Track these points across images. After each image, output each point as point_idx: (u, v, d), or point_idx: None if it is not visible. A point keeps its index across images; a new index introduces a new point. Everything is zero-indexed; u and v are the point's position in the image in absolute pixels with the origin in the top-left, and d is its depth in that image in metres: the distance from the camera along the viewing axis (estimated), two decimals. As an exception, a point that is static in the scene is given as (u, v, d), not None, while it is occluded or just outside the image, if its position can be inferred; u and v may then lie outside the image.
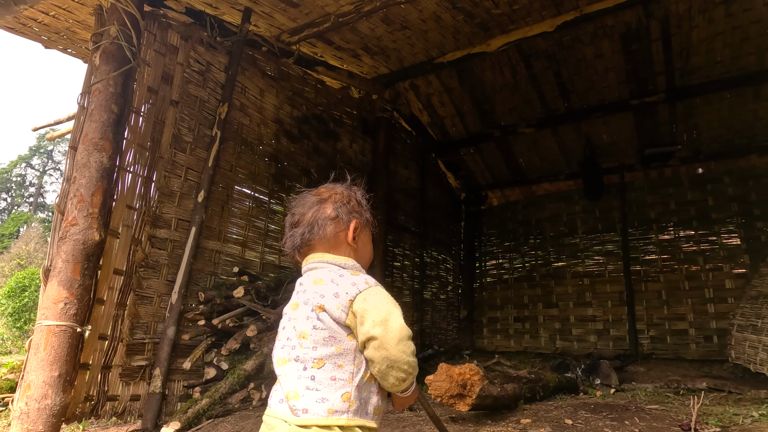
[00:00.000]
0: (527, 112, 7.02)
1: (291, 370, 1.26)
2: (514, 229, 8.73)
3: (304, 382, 1.22)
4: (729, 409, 3.13)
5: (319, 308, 1.26)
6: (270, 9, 4.71)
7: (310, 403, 1.20)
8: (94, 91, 3.36)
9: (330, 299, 1.26)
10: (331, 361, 1.23)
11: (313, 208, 1.43)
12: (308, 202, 1.46)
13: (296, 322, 1.30)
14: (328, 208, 1.42)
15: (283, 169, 5.20)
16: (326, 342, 1.24)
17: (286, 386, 1.25)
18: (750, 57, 5.66)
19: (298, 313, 1.31)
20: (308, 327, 1.26)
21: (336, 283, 1.28)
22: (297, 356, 1.26)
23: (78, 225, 3.05)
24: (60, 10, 4.12)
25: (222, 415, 3.39)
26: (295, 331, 1.29)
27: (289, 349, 1.29)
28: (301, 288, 1.36)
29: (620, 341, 7.12)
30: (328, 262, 1.37)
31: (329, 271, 1.33)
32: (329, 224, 1.39)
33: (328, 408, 1.19)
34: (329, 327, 1.24)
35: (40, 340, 2.81)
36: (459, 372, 2.91)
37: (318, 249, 1.40)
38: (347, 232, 1.40)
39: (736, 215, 6.88)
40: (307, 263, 1.40)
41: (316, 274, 1.34)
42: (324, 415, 1.19)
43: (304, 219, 1.42)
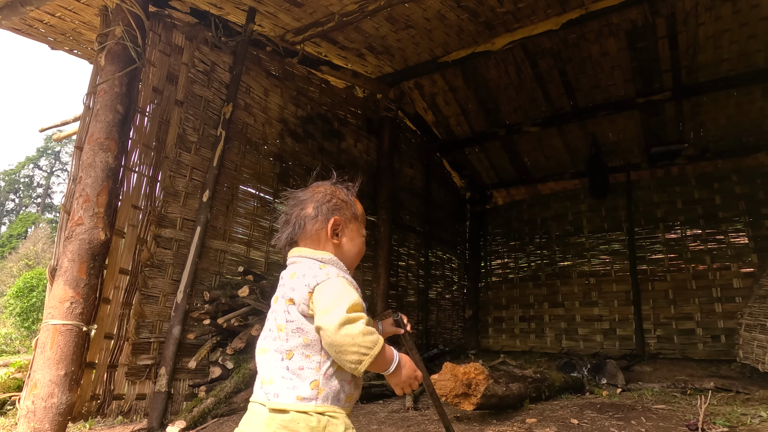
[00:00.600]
0: (532, 110, 6.99)
1: (269, 358, 1.34)
2: (520, 229, 8.70)
3: (279, 371, 1.30)
4: (737, 409, 3.10)
5: (289, 301, 1.33)
6: (274, 9, 4.72)
7: (281, 389, 1.28)
8: (100, 92, 3.37)
9: (297, 292, 1.32)
10: (298, 351, 1.30)
11: (297, 207, 1.49)
12: (294, 201, 1.52)
13: (276, 314, 1.37)
14: (309, 207, 1.48)
15: (287, 168, 5.20)
16: (295, 333, 1.31)
17: (262, 372, 1.33)
18: (758, 54, 5.61)
19: (277, 305, 1.38)
20: (283, 320, 1.33)
21: (305, 276, 1.34)
22: (276, 347, 1.33)
23: (84, 224, 3.07)
24: (66, 11, 4.14)
25: (227, 414, 3.39)
26: (275, 323, 1.36)
27: (270, 339, 1.36)
28: (281, 282, 1.42)
29: (627, 341, 7.08)
30: (305, 256, 1.43)
31: (303, 265, 1.39)
32: (309, 222, 1.46)
33: (297, 395, 1.26)
34: (297, 319, 1.31)
35: (47, 339, 2.82)
36: (464, 371, 2.90)
37: (302, 245, 1.47)
38: (326, 230, 1.45)
39: (743, 214, 6.82)
40: (288, 258, 1.47)
41: (293, 268, 1.41)
42: (293, 401, 1.26)
43: (291, 218, 1.49)
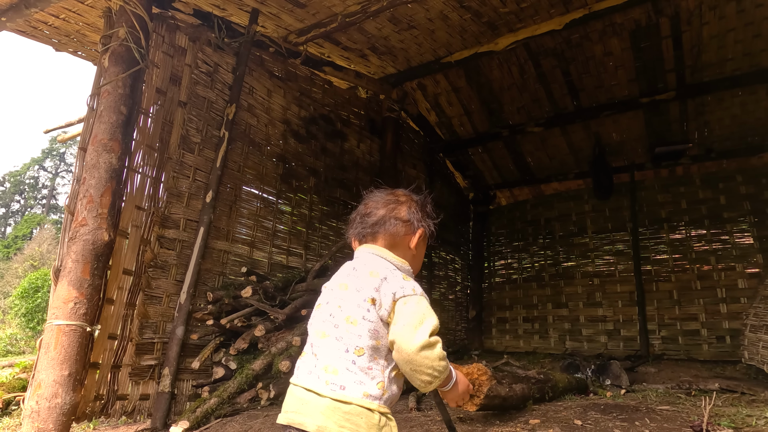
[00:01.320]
0: (536, 111, 6.97)
1: (332, 346, 1.35)
2: (523, 229, 8.68)
3: (344, 363, 1.31)
4: (742, 410, 3.08)
5: (372, 301, 1.35)
6: (277, 10, 4.73)
7: (348, 382, 1.29)
8: (103, 93, 3.38)
9: (382, 297, 1.35)
10: (369, 351, 1.32)
11: (389, 206, 1.54)
12: (384, 199, 1.56)
13: (343, 302, 1.39)
14: (403, 210, 1.53)
15: (290, 169, 5.21)
16: (370, 333, 1.33)
17: (324, 359, 1.34)
18: (763, 53, 5.58)
19: (347, 294, 1.40)
20: (358, 315, 1.35)
21: (389, 282, 1.37)
22: (340, 336, 1.35)
23: (87, 225, 3.08)
24: (70, 13, 4.16)
25: (230, 415, 3.40)
26: (341, 312, 1.38)
27: (332, 326, 1.37)
28: (354, 272, 1.43)
29: (631, 342, 7.05)
30: (386, 258, 1.46)
31: (385, 268, 1.42)
32: (400, 225, 1.51)
33: (365, 391, 1.29)
34: (375, 321, 1.34)
35: (51, 340, 2.83)
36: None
37: (380, 242, 1.50)
38: (412, 237, 1.52)
39: (748, 214, 6.79)
40: (364, 250, 1.50)
41: (373, 265, 1.43)
42: (360, 397, 1.28)
43: (377, 213, 1.52)
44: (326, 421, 1.27)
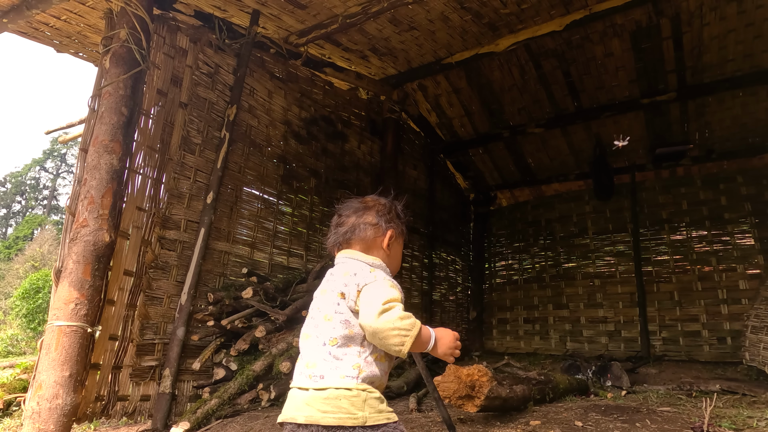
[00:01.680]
0: (536, 111, 6.98)
1: (312, 344, 1.46)
2: (524, 230, 8.68)
3: (322, 355, 1.42)
4: (743, 411, 3.08)
5: (341, 295, 1.47)
6: (278, 11, 4.74)
7: (325, 371, 1.40)
8: (105, 94, 3.39)
9: (348, 288, 1.47)
10: (342, 340, 1.42)
11: (357, 213, 1.66)
12: (354, 207, 1.68)
13: (322, 304, 1.51)
14: (370, 215, 1.64)
15: (291, 170, 5.21)
16: (342, 324, 1.43)
17: (305, 357, 1.46)
18: (763, 54, 5.58)
19: (325, 297, 1.51)
20: (331, 311, 1.46)
21: (357, 275, 1.48)
22: (318, 334, 1.46)
23: (88, 226, 3.08)
24: (71, 14, 4.17)
25: (231, 416, 3.40)
26: (320, 312, 1.49)
27: (313, 326, 1.49)
28: (331, 277, 1.56)
29: (632, 343, 7.05)
30: (357, 258, 1.58)
31: (355, 266, 1.54)
32: (369, 228, 1.62)
33: (341, 374, 1.38)
34: (345, 312, 1.44)
35: (52, 341, 2.84)
36: (467, 373, 2.90)
37: (354, 247, 1.62)
38: (383, 238, 1.62)
39: (749, 215, 6.78)
40: (341, 256, 1.62)
41: (348, 267, 1.55)
42: (337, 380, 1.38)
43: (348, 221, 1.65)
44: (311, 410, 1.36)
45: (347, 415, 1.35)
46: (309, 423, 1.37)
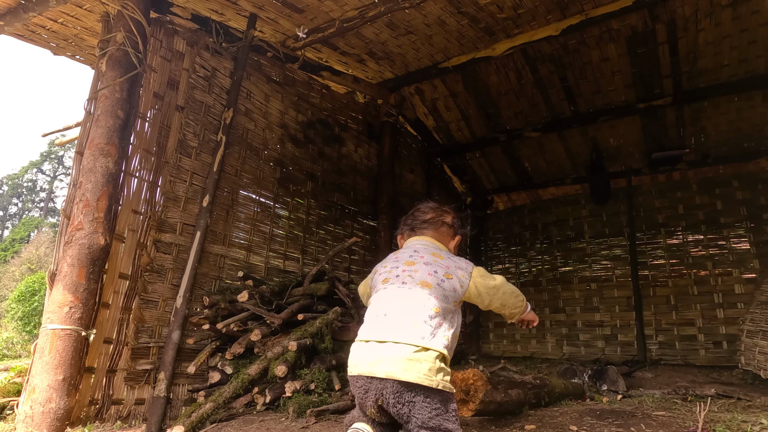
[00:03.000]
0: (533, 116, 7.00)
1: (410, 306, 1.65)
2: (521, 234, 8.69)
3: (424, 318, 1.62)
4: (737, 415, 3.08)
5: (448, 276, 1.74)
6: (275, 15, 4.75)
7: (426, 333, 1.60)
8: (101, 97, 3.39)
9: (455, 271, 1.76)
10: (443, 311, 1.67)
11: (437, 211, 2.01)
12: (434, 206, 2.04)
13: (415, 272, 1.74)
14: (449, 217, 2.02)
15: (288, 173, 5.21)
16: (444, 299, 1.69)
17: (407, 317, 1.63)
18: (758, 60, 5.61)
19: (417, 267, 1.76)
20: (433, 281, 1.71)
21: (455, 262, 1.82)
22: (417, 297, 1.67)
23: (84, 229, 3.08)
24: (68, 17, 4.18)
25: (226, 420, 3.39)
26: (414, 279, 1.71)
27: (407, 290, 1.70)
28: (417, 254, 1.83)
29: (628, 347, 7.05)
30: (440, 247, 1.91)
31: (444, 252, 1.87)
32: (444, 227, 1.98)
33: (437, 340, 1.61)
34: (449, 290, 1.72)
35: (45, 344, 2.83)
36: (462, 377, 2.89)
37: (429, 236, 1.95)
38: (452, 241, 2.01)
39: (745, 219, 6.80)
40: (422, 239, 1.94)
41: (433, 249, 1.87)
42: (438, 345, 1.60)
43: (428, 214, 1.99)
44: (391, 367, 1.54)
45: (426, 377, 1.53)
46: (388, 377, 1.53)
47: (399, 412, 1.54)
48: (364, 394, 1.59)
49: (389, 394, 1.53)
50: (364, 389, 1.59)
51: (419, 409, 1.52)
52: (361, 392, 1.61)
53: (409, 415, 1.53)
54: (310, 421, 3.11)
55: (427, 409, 1.53)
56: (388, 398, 1.54)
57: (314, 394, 3.54)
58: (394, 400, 1.53)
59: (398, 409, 1.53)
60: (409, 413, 1.53)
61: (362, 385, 1.59)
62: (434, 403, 1.54)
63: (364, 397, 1.60)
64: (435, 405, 1.54)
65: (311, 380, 3.62)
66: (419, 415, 1.52)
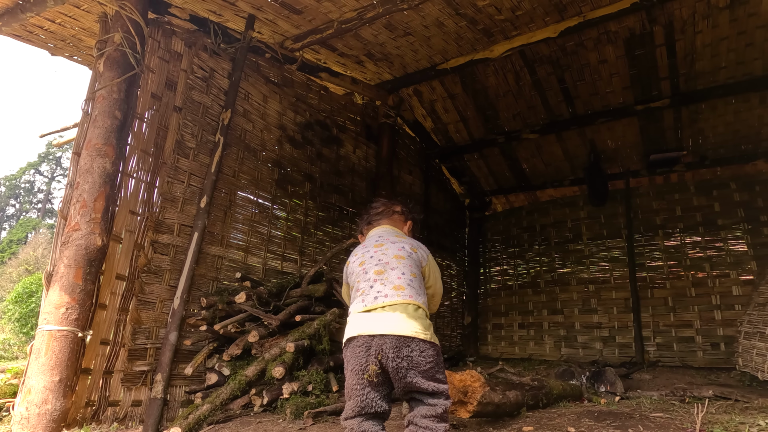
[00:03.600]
0: (531, 117, 7.00)
1: (392, 275, 1.90)
2: (519, 235, 8.70)
3: (406, 282, 1.89)
4: (735, 417, 3.08)
5: (413, 249, 2.04)
6: (273, 16, 4.75)
7: (411, 292, 1.87)
8: (98, 98, 3.39)
9: (418, 248, 2.08)
10: (417, 277, 1.96)
11: (387, 203, 2.32)
12: (384, 201, 2.36)
13: (387, 250, 2.00)
14: (398, 206, 2.33)
15: (286, 174, 5.21)
16: (415, 266, 1.99)
17: (390, 283, 1.87)
18: (755, 62, 5.63)
19: (386, 246, 2.03)
20: (404, 254, 1.99)
21: (418, 243, 2.12)
22: (394, 267, 1.93)
23: (80, 230, 3.07)
24: (66, 17, 4.17)
25: (223, 421, 3.37)
26: (387, 255, 1.97)
27: (384, 264, 1.94)
28: (380, 238, 2.11)
29: (626, 348, 7.05)
30: (398, 230, 2.24)
31: (404, 237, 2.18)
32: (396, 214, 2.29)
33: (422, 300, 1.89)
34: (417, 260, 2.02)
35: (42, 345, 2.82)
36: (460, 378, 2.89)
37: (385, 224, 2.24)
38: (404, 225, 2.31)
39: (742, 221, 6.82)
40: (380, 228, 2.23)
41: (393, 233, 2.18)
42: (420, 302, 1.87)
43: (378, 209, 2.29)
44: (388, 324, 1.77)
45: (421, 331, 1.77)
46: (388, 333, 1.73)
47: (398, 365, 1.72)
48: (366, 351, 1.75)
49: (389, 348, 1.71)
50: (365, 347, 1.75)
51: (416, 359, 1.74)
52: (362, 350, 1.76)
53: (407, 366, 1.72)
54: (308, 423, 3.10)
55: (423, 359, 1.75)
56: (388, 352, 1.71)
57: (312, 396, 3.53)
58: (394, 354, 1.71)
59: (398, 363, 1.71)
60: (407, 365, 1.72)
61: (363, 343, 1.76)
62: (428, 355, 1.77)
63: (366, 354, 1.75)
64: (429, 356, 1.77)
65: (309, 382, 3.61)
66: (416, 365, 1.73)
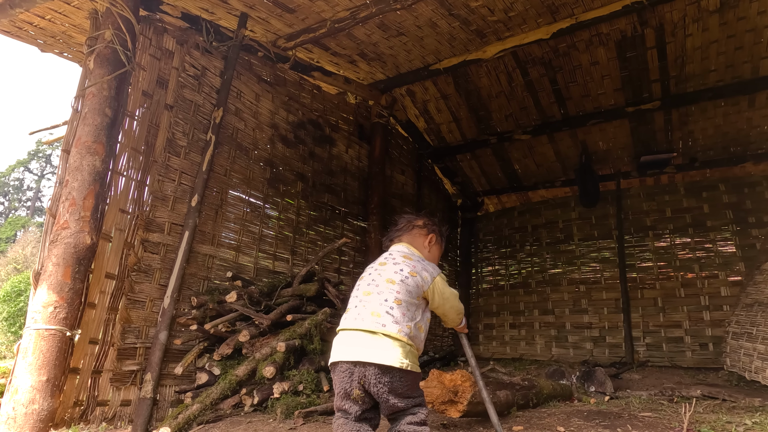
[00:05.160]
0: (523, 118, 7.03)
1: (375, 299, 1.94)
2: (511, 236, 8.73)
3: (385, 308, 1.90)
4: (722, 416, 3.11)
5: (412, 273, 2.01)
6: (266, 14, 4.73)
7: (386, 320, 1.88)
8: (88, 95, 3.36)
9: (420, 272, 2.05)
10: (405, 304, 1.94)
11: (409, 218, 2.35)
12: (407, 216, 2.37)
13: (383, 272, 2.03)
14: (420, 221, 2.33)
15: (278, 173, 5.19)
16: (407, 293, 1.96)
17: (370, 307, 1.92)
18: (744, 65, 5.69)
19: (386, 267, 2.05)
20: (397, 278, 1.98)
21: (422, 264, 2.10)
22: (380, 291, 1.95)
23: (69, 228, 3.04)
24: (56, 13, 4.13)
25: (213, 421, 3.36)
26: (381, 277, 2.00)
27: (374, 286, 1.99)
28: (390, 257, 2.13)
29: (616, 348, 7.10)
30: (412, 248, 2.22)
31: (414, 255, 2.16)
32: (416, 228, 2.30)
33: (399, 329, 1.87)
34: (412, 286, 1.99)
35: (29, 344, 2.79)
36: (450, 378, 2.89)
37: (404, 241, 2.26)
38: (425, 238, 2.28)
39: (731, 223, 6.90)
40: (396, 246, 2.24)
41: (405, 252, 2.16)
42: (395, 332, 1.86)
43: (400, 224, 2.33)
44: (369, 352, 1.83)
45: (398, 360, 1.82)
46: (367, 361, 1.82)
47: (379, 390, 1.82)
48: (349, 377, 1.87)
49: (371, 375, 1.82)
50: (349, 373, 1.87)
51: (395, 385, 1.84)
52: (346, 375, 1.88)
53: (388, 391, 1.83)
54: (298, 423, 3.09)
55: (400, 384, 1.85)
56: (370, 378, 1.82)
57: (303, 396, 3.52)
58: (375, 380, 1.82)
59: (378, 388, 1.82)
60: (388, 390, 1.83)
61: (347, 369, 1.87)
62: (405, 381, 1.86)
63: (349, 380, 1.87)
64: (407, 382, 1.86)
65: (300, 381, 3.60)
66: (394, 390, 1.84)
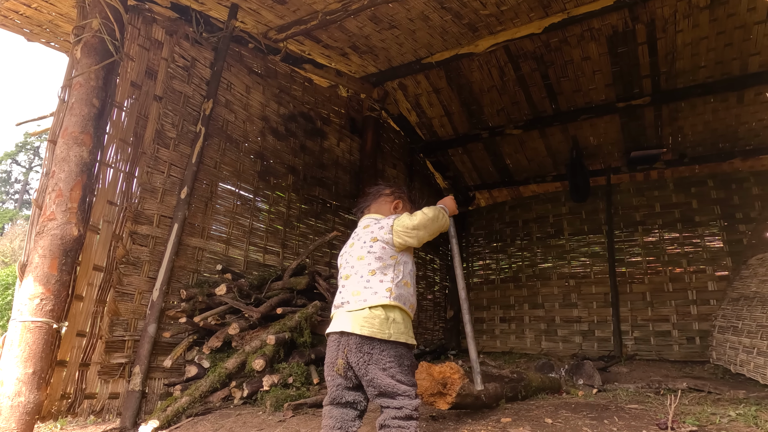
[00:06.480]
0: (515, 113, 7.05)
1: (353, 280, 1.99)
2: (501, 230, 8.77)
3: (363, 285, 1.95)
4: (707, 408, 3.16)
5: (374, 239, 2.04)
6: (257, 5, 4.69)
7: (367, 295, 1.92)
8: (75, 85, 3.31)
9: (378, 231, 2.06)
10: (379, 271, 1.97)
11: (377, 187, 2.39)
12: (376, 185, 2.42)
13: (353, 251, 2.08)
14: (387, 189, 2.36)
15: (268, 166, 5.16)
16: (376, 260, 1.99)
17: (350, 288, 1.98)
18: (733, 62, 5.73)
19: (354, 248, 2.09)
20: (364, 252, 2.03)
21: (379, 223, 2.10)
22: (355, 272, 2.00)
23: (56, 220, 3.01)
24: (42, 2, 4.06)
25: (202, 414, 3.35)
26: (353, 257, 2.05)
27: (350, 268, 2.04)
28: (356, 235, 2.16)
29: (605, 342, 7.17)
30: (374, 218, 2.20)
31: (374, 220, 2.16)
32: (383, 196, 2.33)
33: (380, 296, 1.91)
34: (378, 250, 2.01)
35: (15, 337, 2.76)
36: (439, 371, 2.91)
37: (372, 211, 2.28)
38: (391, 204, 2.30)
39: (719, 218, 6.97)
40: (363, 219, 2.25)
41: (365, 222, 2.19)
42: (375, 300, 1.90)
43: (368, 193, 2.36)
44: (353, 324, 1.86)
45: (378, 330, 1.84)
46: (351, 332, 1.85)
47: (359, 359, 1.83)
48: (336, 347, 1.91)
49: (352, 344, 1.84)
50: (336, 342, 1.92)
51: (376, 356, 1.84)
52: (333, 345, 1.92)
53: (367, 361, 1.83)
54: (288, 415, 3.10)
55: (382, 357, 1.84)
56: (352, 347, 1.85)
57: (292, 388, 3.52)
58: (356, 349, 1.84)
59: (359, 357, 1.83)
60: (367, 360, 1.83)
61: (335, 339, 1.93)
62: (389, 354, 1.85)
63: (336, 349, 1.91)
64: (390, 356, 1.85)
65: (289, 374, 3.60)
66: (376, 361, 1.83)
